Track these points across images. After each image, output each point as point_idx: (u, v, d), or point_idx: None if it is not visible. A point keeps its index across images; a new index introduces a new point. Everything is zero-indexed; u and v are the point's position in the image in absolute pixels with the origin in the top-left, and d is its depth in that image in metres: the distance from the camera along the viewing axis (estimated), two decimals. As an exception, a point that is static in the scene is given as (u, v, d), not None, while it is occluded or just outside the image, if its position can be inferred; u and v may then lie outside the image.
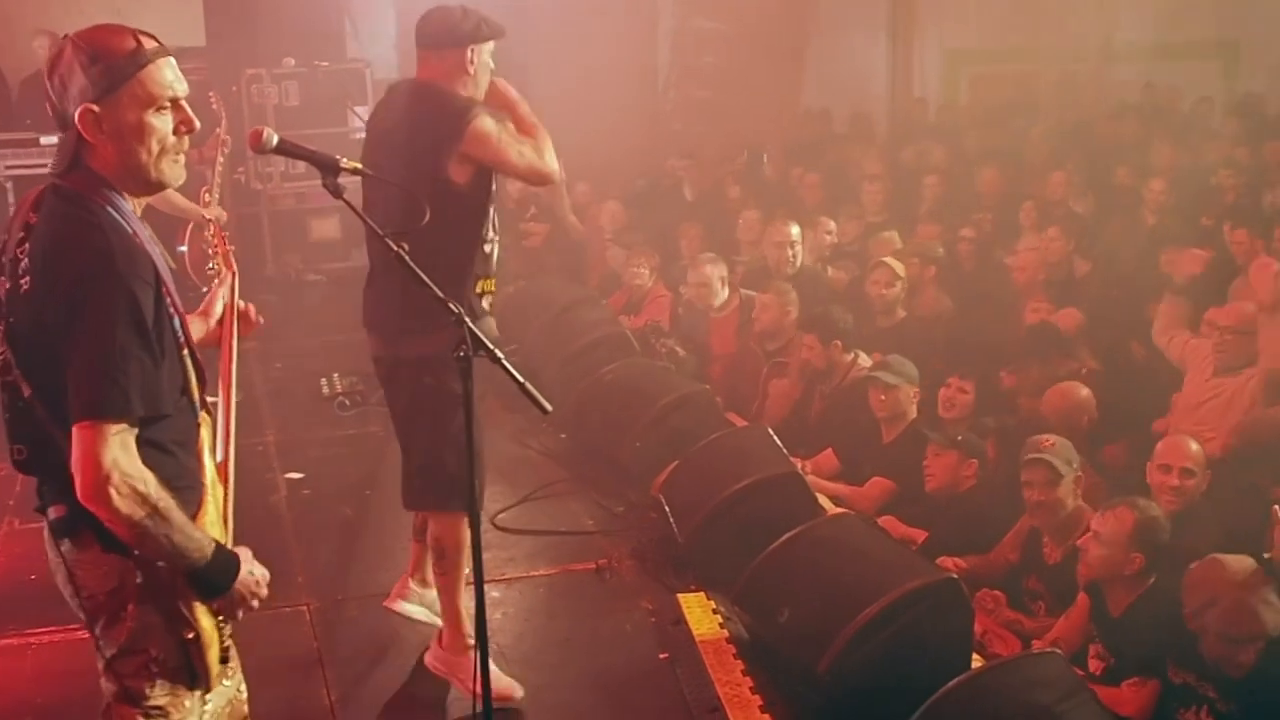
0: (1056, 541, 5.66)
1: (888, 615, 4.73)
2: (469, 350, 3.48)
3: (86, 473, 2.86)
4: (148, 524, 2.90)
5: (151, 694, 3.13)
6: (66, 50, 3.01)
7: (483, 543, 3.67)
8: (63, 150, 3.06)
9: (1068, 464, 5.60)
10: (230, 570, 3.13)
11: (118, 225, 2.99)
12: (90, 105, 2.97)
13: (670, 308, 9.23)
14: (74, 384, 2.88)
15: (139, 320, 2.92)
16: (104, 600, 3.08)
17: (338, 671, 5.27)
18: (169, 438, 3.06)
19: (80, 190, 3.02)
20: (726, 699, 4.99)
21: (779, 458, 6.25)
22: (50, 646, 5.36)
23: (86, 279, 2.89)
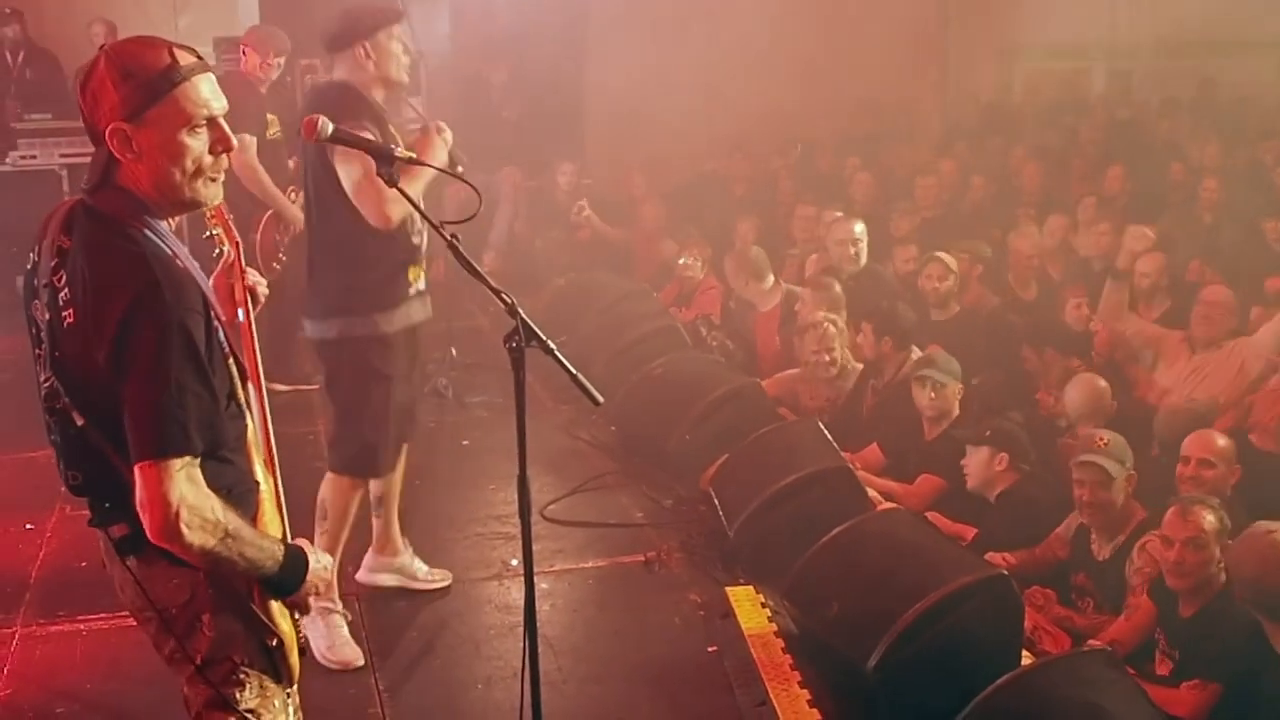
0: (1105, 539, 5.63)
1: (938, 611, 4.69)
2: (521, 340, 3.47)
3: (155, 513, 2.80)
4: (220, 550, 2.87)
5: (243, 698, 3.12)
6: (99, 64, 2.88)
7: (533, 534, 3.64)
8: (94, 167, 2.96)
9: (1120, 464, 5.55)
10: (300, 568, 3.11)
11: (159, 251, 2.89)
12: (121, 124, 2.86)
13: (722, 300, 9.21)
14: (132, 423, 2.81)
15: (193, 353, 2.84)
16: (178, 612, 3.05)
17: (385, 661, 5.29)
18: (225, 448, 3.02)
19: (114, 213, 2.92)
20: (774, 693, 4.98)
21: (829, 452, 6.22)
22: (100, 633, 5.40)
23: (136, 316, 2.78)
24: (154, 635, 3.14)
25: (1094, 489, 5.53)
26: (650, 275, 10.41)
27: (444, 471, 7.21)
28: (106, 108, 2.86)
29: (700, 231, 10.35)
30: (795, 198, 10.97)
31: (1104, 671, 4.35)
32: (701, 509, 6.51)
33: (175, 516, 2.79)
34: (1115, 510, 5.57)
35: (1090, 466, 5.54)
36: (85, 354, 2.85)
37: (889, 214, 10.11)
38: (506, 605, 5.70)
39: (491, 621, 5.60)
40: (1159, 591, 5.13)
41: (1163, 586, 5.08)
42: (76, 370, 2.90)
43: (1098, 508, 5.56)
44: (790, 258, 9.57)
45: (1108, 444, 5.61)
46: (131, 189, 2.93)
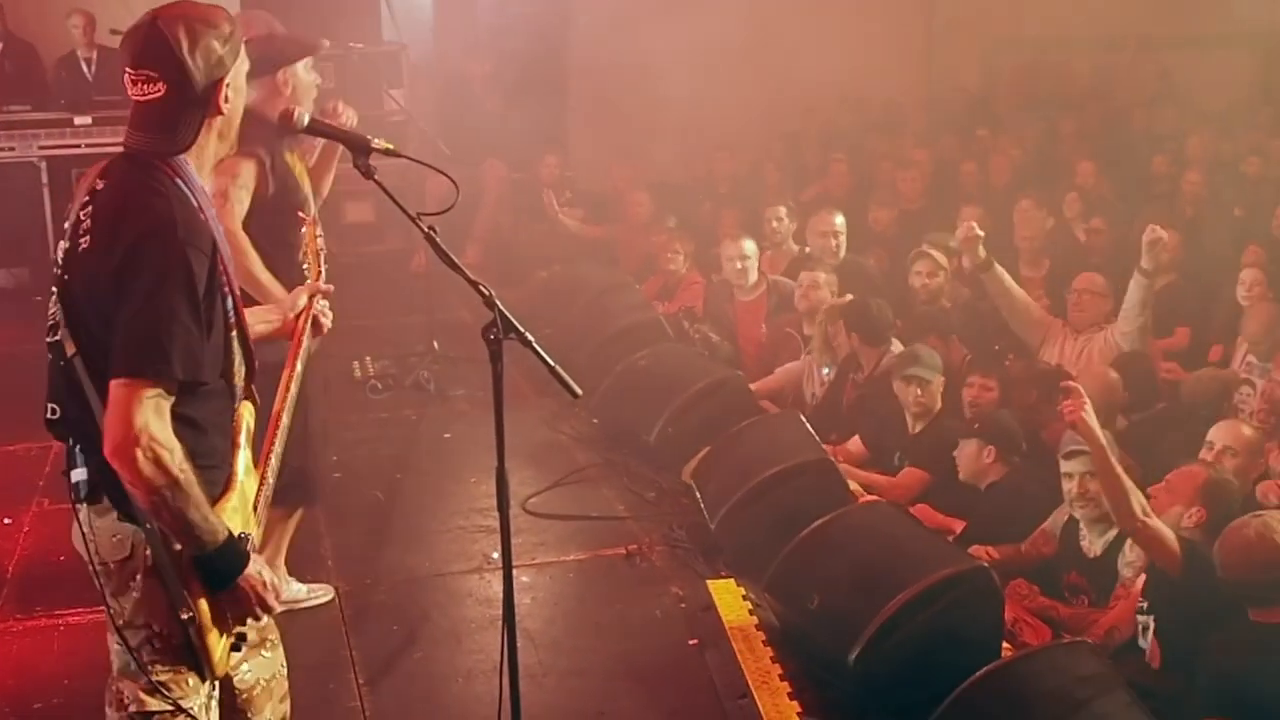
0: (1096, 534, 5.61)
1: (918, 603, 4.71)
2: (499, 333, 3.46)
3: (116, 429, 2.87)
4: (166, 493, 2.91)
5: (156, 669, 3.15)
6: (192, 26, 3.05)
7: (513, 527, 3.64)
8: (186, 127, 3.09)
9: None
10: (237, 563, 3.11)
11: (184, 196, 3.05)
12: (225, 78, 3.10)
13: (704, 294, 9.20)
14: (118, 340, 2.91)
15: (191, 287, 2.95)
16: (115, 568, 3.11)
17: (365, 654, 5.27)
18: (203, 415, 3.08)
19: (153, 158, 3.08)
20: (755, 685, 4.98)
21: (811, 444, 6.22)
22: (79, 628, 5.37)
23: (145, 240, 2.93)
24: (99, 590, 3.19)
25: (1082, 480, 5.53)
26: (636, 268, 10.39)
27: (426, 464, 7.19)
28: (213, 63, 3.07)
29: (684, 226, 10.32)
30: (780, 192, 10.94)
31: (1084, 663, 4.37)
32: (683, 502, 6.51)
33: (134, 439, 2.86)
34: (1102, 502, 5.53)
35: (1078, 456, 5.53)
36: (93, 277, 2.99)
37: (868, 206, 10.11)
38: (487, 598, 5.68)
39: (472, 615, 5.59)
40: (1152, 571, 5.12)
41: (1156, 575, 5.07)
42: (80, 294, 3.03)
43: (1087, 500, 5.55)
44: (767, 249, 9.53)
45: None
46: (199, 141, 3.12)
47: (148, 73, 3.03)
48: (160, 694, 3.16)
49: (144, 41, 3.04)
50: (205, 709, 3.24)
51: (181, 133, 3.09)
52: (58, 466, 3.28)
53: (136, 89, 3.06)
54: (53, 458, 6.71)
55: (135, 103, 3.09)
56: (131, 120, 3.12)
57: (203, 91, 3.08)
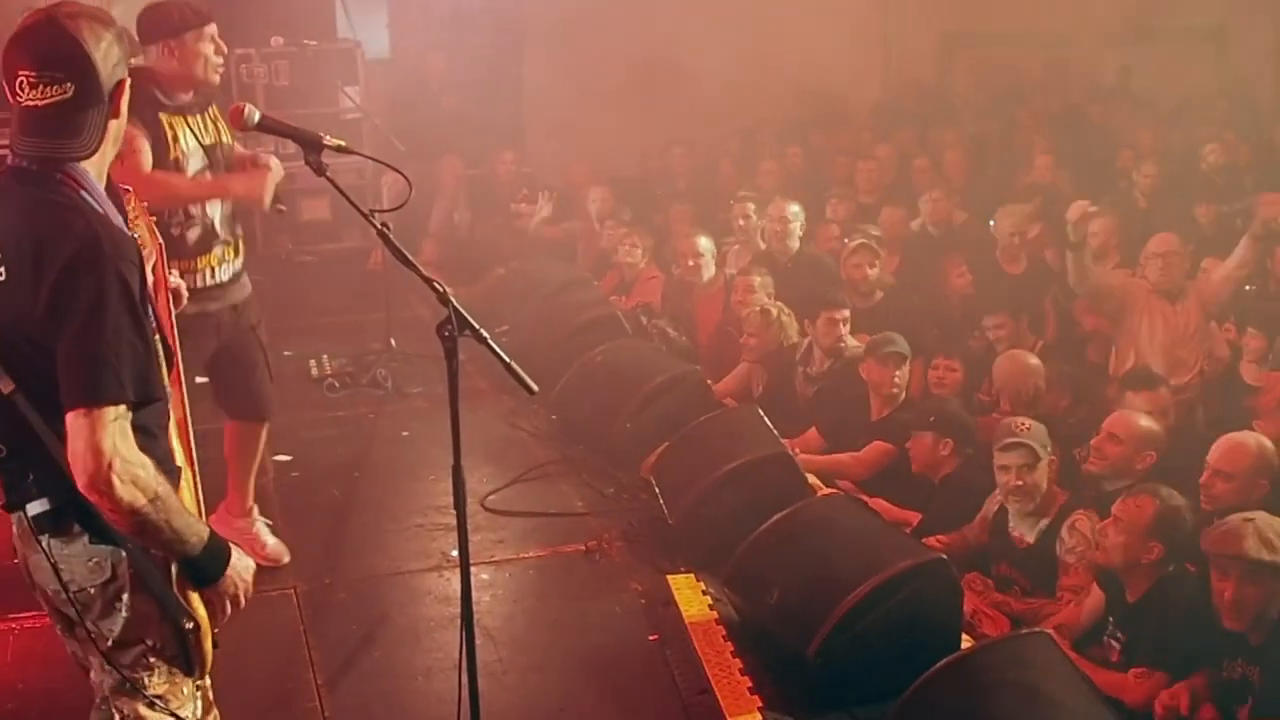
0: (1026, 525, 5.69)
1: (877, 596, 4.72)
2: (454, 329, 3.45)
3: (88, 462, 2.77)
4: (148, 511, 2.83)
5: (151, 683, 3.11)
6: (93, 25, 2.94)
7: (471, 525, 3.64)
8: (92, 129, 2.96)
9: (1043, 447, 5.63)
10: (222, 556, 3.09)
11: (94, 208, 2.92)
12: (125, 79, 3.00)
13: (662, 289, 9.20)
14: (66, 371, 2.81)
15: (130, 304, 2.85)
16: (95, 593, 3.04)
17: (324, 654, 5.24)
18: (152, 420, 3.01)
19: (45, 171, 2.93)
20: (716, 680, 4.97)
21: (769, 439, 6.22)
22: (33, 631, 5.30)
23: (74, 264, 2.80)
24: (66, 620, 3.14)
25: (1020, 472, 5.59)
26: (593, 263, 10.38)
27: (383, 462, 7.15)
28: (115, 63, 2.96)
29: (641, 220, 10.32)
30: (737, 186, 10.96)
31: (1043, 654, 4.37)
32: (643, 497, 6.50)
33: (108, 467, 2.77)
34: (1040, 493, 5.64)
35: (1016, 448, 5.60)
36: (19, 310, 2.86)
37: (825, 199, 10.14)
38: (446, 596, 5.66)
39: (431, 613, 5.57)
40: (1106, 575, 5.17)
41: (1110, 572, 5.12)
42: (8, 329, 2.90)
43: (1024, 491, 5.62)
44: (726, 245, 9.55)
45: (1029, 428, 5.68)
46: (101, 147, 2.99)
47: (54, 74, 2.89)
48: (159, 708, 3.13)
49: (48, 41, 2.90)
50: (194, 708, 3.21)
51: (87, 136, 2.95)
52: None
53: (36, 92, 2.89)
54: (4, 460, 6.63)
55: (30, 108, 2.91)
56: (23, 127, 2.94)
57: (108, 93, 2.96)
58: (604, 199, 10.71)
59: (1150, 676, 4.75)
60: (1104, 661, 5.00)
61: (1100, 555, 5.14)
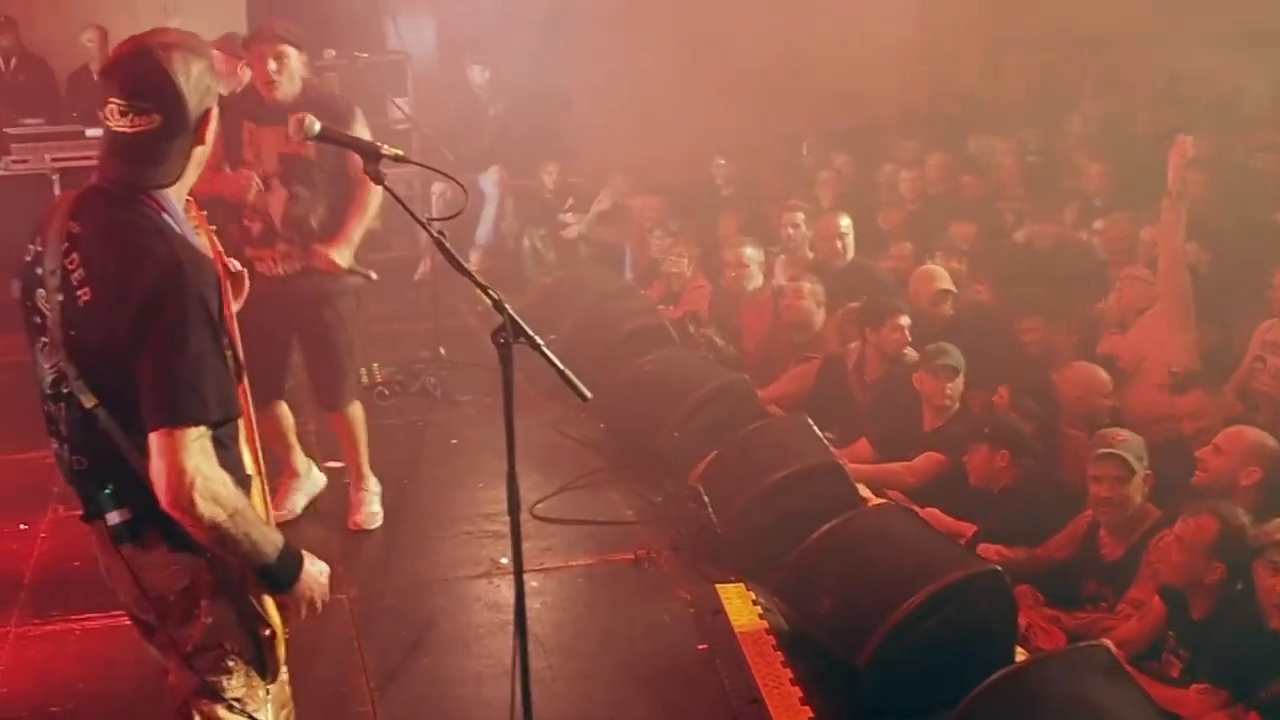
0: (1119, 539, 5.55)
1: (930, 606, 4.69)
2: (509, 337, 3.47)
3: (170, 481, 2.83)
4: (228, 526, 2.89)
5: (229, 686, 3.16)
6: (185, 56, 2.99)
7: (522, 532, 3.64)
8: (175, 158, 3.02)
9: (1139, 460, 5.49)
10: (296, 564, 3.13)
11: (174, 231, 2.99)
12: (212, 108, 3.05)
13: (709, 298, 9.20)
14: (150, 392, 2.86)
15: (211, 326, 2.91)
16: (175, 600, 3.09)
17: (376, 659, 5.27)
18: (225, 432, 3.05)
19: (131, 194, 3.00)
20: (766, 690, 4.97)
21: (819, 447, 6.21)
22: (94, 632, 5.39)
23: (160, 289, 2.86)
24: (146, 625, 3.19)
25: (1113, 484, 5.45)
26: (642, 272, 10.40)
27: (432, 470, 7.19)
28: (202, 94, 3.02)
29: (688, 230, 10.32)
30: (781, 194, 10.95)
31: (1100, 668, 4.32)
32: (691, 506, 6.46)
33: (190, 485, 2.83)
34: (1133, 508, 5.49)
35: (1110, 459, 5.47)
36: (103, 330, 2.91)
37: (874, 208, 10.11)
38: (495, 603, 5.68)
39: (481, 620, 5.59)
40: (1169, 591, 5.09)
41: (1173, 588, 5.05)
42: (92, 348, 2.96)
43: (1116, 505, 5.48)
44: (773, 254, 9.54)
45: (1125, 440, 5.54)
46: (176, 176, 3.05)
47: (143, 104, 2.94)
48: (237, 710, 3.17)
49: (139, 72, 2.96)
50: (267, 712, 3.26)
51: (170, 165, 3.02)
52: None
53: (125, 120, 2.95)
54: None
55: (118, 134, 2.98)
56: (111, 151, 3.02)
57: (194, 123, 3.02)
58: (653, 207, 10.73)
59: (1214, 694, 4.68)
60: (1163, 677, 4.92)
61: (1163, 572, 5.07)
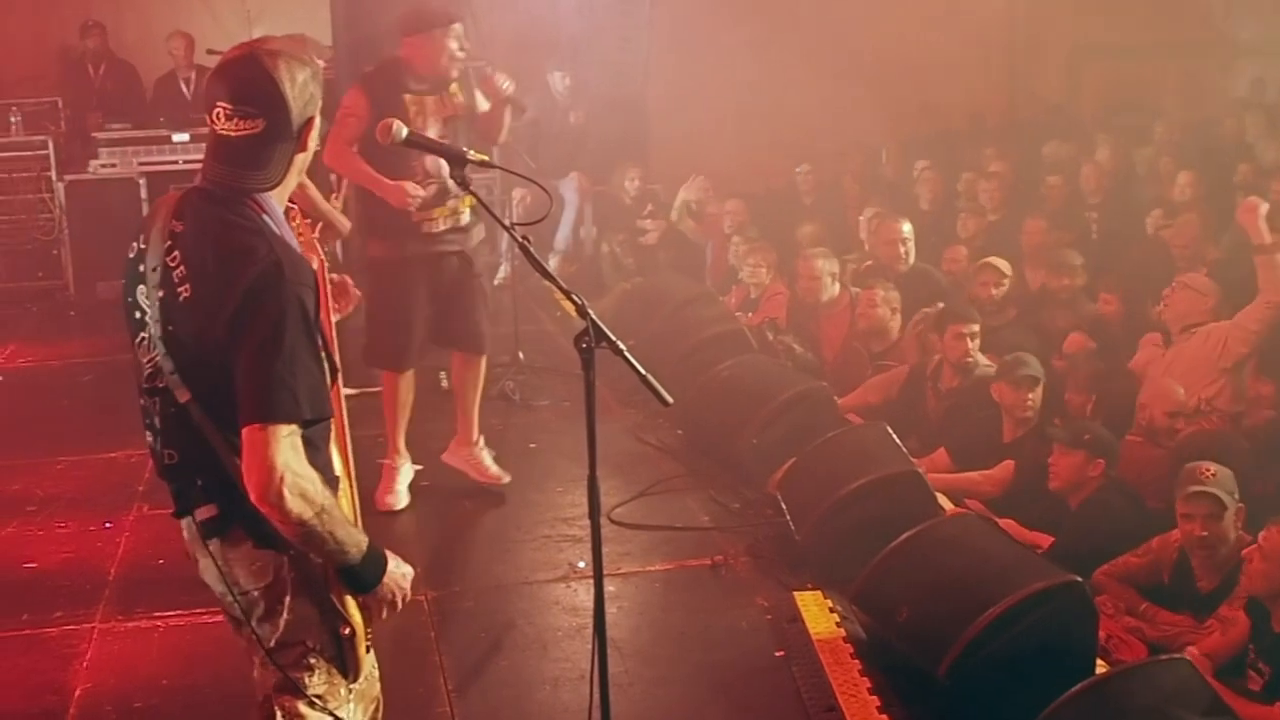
0: (1213, 571, 5.45)
1: (1009, 617, 4.64)
2: (591, 341, 3.48)
3: (260, 476, 2.88)
4: (315, 524, 2.93)
5: (311, 683, 3.20)
6: (290, 63, 3.04)
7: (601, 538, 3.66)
8: (278, 163, 3.08)
9: (1230, 495, 5.37)
10: (380, 565, 3.16)
11: (275, 232, 3.05)
12: (315, 116, 3.12)
13: (787, 305, 9.18)
14: (245, 388, 2.91)
15: (308, 327, 2.96)
16: (259, 595, 3.14)
17: (454, 660, 5.31)
18: (315, 433, 3.08)
19: (233, 195, 3.06)
20: (843, 698, 4.94)
21: (898, 456, 6.18)
22: (177, 629, 5.47)
23: (259, 288, 2.92)
24: (236, 620, 3.23)
25: (1205, 522, 5.34)
26: (721, 278, 10.41)
27: (511, 474, 7.20)
28: (307, 101, 3.08)
29: (767, 237, 10.31)
30: (861, 202, 10.92)
31: (1183, 681, 4.27)
32: (769, 513, 6.48)
33: (280, 481, 2.87)
34: (1229, 545, 5.38)
35: (1202, 498, 5.34)
36: (201, 326, 2.98)
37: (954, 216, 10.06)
38: (573, 607, 5.71)
39: (559, 623, 5.61)
40: (1254, 604, 5.03)
41: (1258, 600, 4.99)
42: (189, 343, 3.02)
43: (1210, 543, 5.37)
44: (854, 262, 9.51)
45: (1215, 475, 5.40)
46: (277, 180, 3.11)
47: (247, 109, 3.01)
48: (318, 707, 3.21)
49: (245, 77, 3.02)
50: (350, 710, 3.30)
51: (273, 169, 3.08)
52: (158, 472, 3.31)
53: (230, 124, 3.02)
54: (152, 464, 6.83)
55: (223, 137, 3.05)
56: (216, 154, 3.09)
57: (297, 129, 3.08)
58: (734, 213, 10.74)
59: None
60: (1245, 692, 4.86)
61: (1246, 583, 5.00)
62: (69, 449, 7.53)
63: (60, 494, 7.00)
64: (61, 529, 6.58)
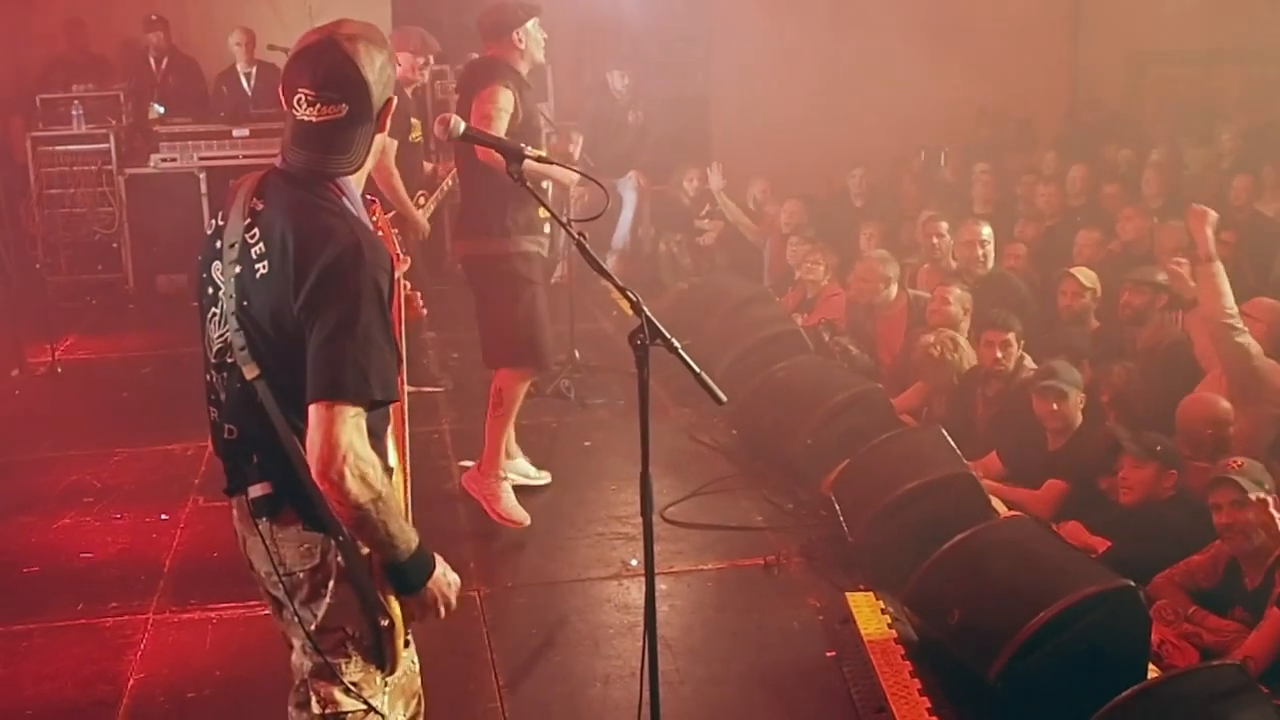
0: (1255, 566, 5.41)
1: (1062, 621, 4.63)
2: (646, 338, 3.49)
3: (324, 452, 2.89)
4: (370, 509, 2.94)
5: (348, 669, 3.21)
6: (369, 47, 3.07)
7: (653, 535, 3.67)
8: (360, 146, 3.11)
9: (1257, 484, 5.34)
10: (427, 569, 3.17)
11: (355, 215, 3.09)
12: (393, 97, 3.15)
13: (844, 306, 9.16)
14: (315, 364, 2.93)
15: (382, 309, 2.98)
16: (304, 577, 3.16)
17: (505, 656, 5.34)
18: (375, 423, 3.09)
19: (314, 179, 3.09)
20: (894, 699, 4.94)
21: (952, 458, 6.16)
22: (230, 621, 5.54)
23: (335, 265, 2.94)
24: (277, 602, 3.26)
25: (1231, 510, 5.33)
26: (778, 278, 10.40)
27: (565, 471, 7.24)
28: (385, 84, 3.11)
29: (825, 238, 10.30)
30: (919, 204, 10.88)
31: (1235, 686, 4.23)
32: (822, 514, 6.48)
33: (342, 459, 2.89)
34: (1257, 533, 5.34)
35: (1224, 484, 5.36)
36: (277, 303, 3.01)
37: (1011, 220, 9.99)
38: (625, 605, 5.73)
39: (610, 620, 5.64)
40: None
41: None
42: (263, 319, 3.04)
43: (1237, 530, 5.35)
44: (911, 265, 9.47)
45: (1241, 465, 5.41)
46: (360, 163, 3.14)
47: (331, 94, 3.02)
48: (353, 694, 3.23)
49: (328, 63, 3.03)
50: (385, 702, 3.31)
51: (356, 153, 3.10)
52: (214, 466, 3.34)
53: (313, 110, 3.03)
54: (208, 457, 6.92)
55: (305, 123, 3.06)
56: (297, 139, 3.09)
57: (376, 112, 3.10)
58: (795, 212, 10.73)
59: None
60: None
61: None
62: (126, 441, 7.63)
63: (117, 485, 7.09)
64: (118, 520, 6.67)
